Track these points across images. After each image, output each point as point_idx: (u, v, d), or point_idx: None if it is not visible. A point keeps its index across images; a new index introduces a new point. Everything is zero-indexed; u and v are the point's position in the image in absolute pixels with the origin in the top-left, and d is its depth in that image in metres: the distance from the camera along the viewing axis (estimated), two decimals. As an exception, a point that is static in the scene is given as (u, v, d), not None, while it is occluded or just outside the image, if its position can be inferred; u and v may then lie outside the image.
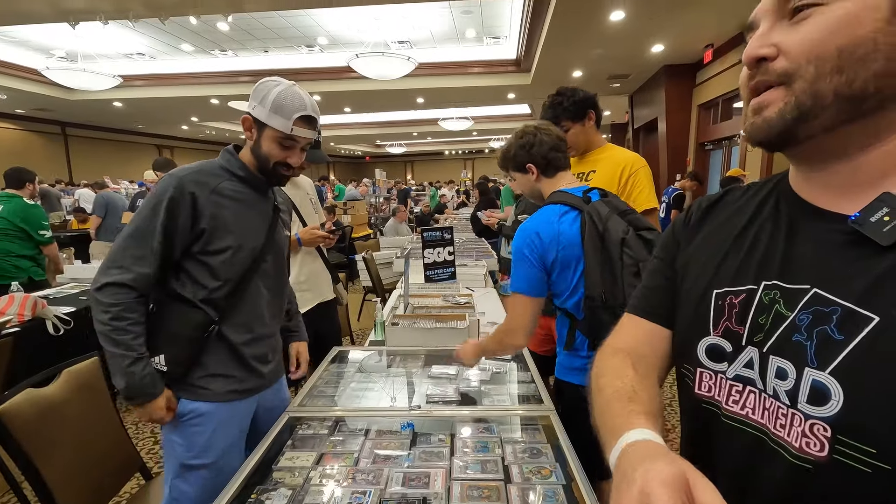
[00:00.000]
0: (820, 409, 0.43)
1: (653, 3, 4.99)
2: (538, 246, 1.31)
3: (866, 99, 0.43)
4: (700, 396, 0.55)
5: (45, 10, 5.20)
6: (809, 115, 0.44)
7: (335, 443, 1.24)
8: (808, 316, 0.45)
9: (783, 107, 0.45)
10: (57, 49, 7.56)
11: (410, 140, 19.31)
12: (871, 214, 0.43)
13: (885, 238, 0.42)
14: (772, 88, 0.46)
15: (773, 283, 0.49)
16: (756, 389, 0.49)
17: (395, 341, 1.90)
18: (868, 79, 0.42)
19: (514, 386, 1.56)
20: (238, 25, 6.66)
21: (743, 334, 0.51)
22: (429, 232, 2.84)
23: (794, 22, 0.45)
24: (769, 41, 0.46)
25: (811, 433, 0.43)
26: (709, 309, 0.55)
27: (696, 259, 0.60)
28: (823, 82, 0.43)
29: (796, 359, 0.45)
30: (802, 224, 0.50)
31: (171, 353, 1.16)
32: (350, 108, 11.33)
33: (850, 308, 0.42)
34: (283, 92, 1.18)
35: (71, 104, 9.73)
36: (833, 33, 0.42)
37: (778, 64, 0.45)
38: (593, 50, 6.43)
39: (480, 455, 1.14)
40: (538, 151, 1.38)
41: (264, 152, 1.21)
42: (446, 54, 8.23)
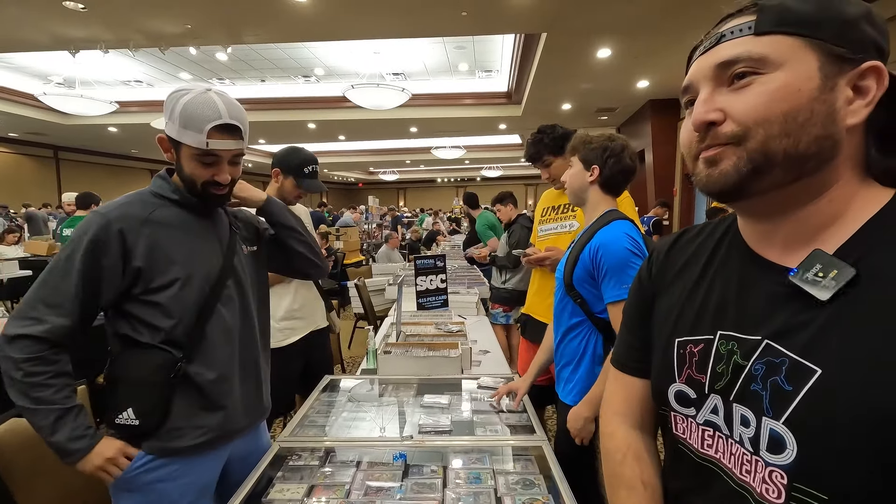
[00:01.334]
0: (777, 458, 0.45)
1: (636, 44, 5.23)
2: (638, 247, 1.30)
3: (809, 159, 0.46)
4: (677, 437, 0.59)
5: (46, 39, 5.30)
6: (762, 170, 0.47)
7: (326, 474, 1.22)
8: (763, 366, 0.47)
9: (737, 161, 0.47)
10: (55, 75, 7.66)
11: (403, 167, 19.58)
12: (807, 270, 0.46)
13: (822, 293, 0.44)
14: (721, 146, 0.49)
15: (728, 333, 0.52)
16: (723, 435, 0.52)
17: (387, 370, 1.89)
18: (810, 142, 0.46)
19: (506, 416, 1.56)
20: (236, 56, 6.82)
21: (704, 382, 0.53)
22: (421, 259, 2.87)
23: (735, 89, 0.48)
24: (714, 106, 0.49)
25: (770, 480, 0.46)
26: (673, 357, 0.58)
27: (661, 308, 0.63)
28: (774, 143, 0.46)
29: (755, 408, 0.48)
30: (752, 275, 0.52)
31: (139, 405, 1.03)
32: (344, 136, 11.52)
33: (796, 360, 0.45)
34: (192, 101, 1.00)
35: (65, 129, 9.78)
36: (777, 101, 0.45)
37: (726, 128, 0.48)
38: (581, 84, 6.68)
39: (473, 486, 1.13)
40: (615, 166, 1.38)
41: (187, 173, 1.06)
42: (439, 86, 8.47)
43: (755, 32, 0.47)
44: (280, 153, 2.04)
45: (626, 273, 1.28)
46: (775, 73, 0.46)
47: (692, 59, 0.53)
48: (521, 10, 4.52)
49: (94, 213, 1.04)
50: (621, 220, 1.36)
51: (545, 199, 2.22)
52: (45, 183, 12.48)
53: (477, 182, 24.16)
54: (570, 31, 4.92)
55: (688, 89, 0.53)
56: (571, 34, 4.99)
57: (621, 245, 1.28)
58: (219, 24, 5.02)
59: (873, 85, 0.46)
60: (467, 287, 3.67)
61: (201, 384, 1.09)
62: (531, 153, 2.00)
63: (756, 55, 0.46)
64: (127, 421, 1.03)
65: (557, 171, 1.95)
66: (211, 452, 1.14)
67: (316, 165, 2.05)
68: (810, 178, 0.47)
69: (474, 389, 1.72)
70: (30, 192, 11.51)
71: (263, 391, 1.28)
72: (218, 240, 1.16)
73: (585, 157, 1.42)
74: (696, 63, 0.52)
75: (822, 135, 0.46)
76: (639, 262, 1.27)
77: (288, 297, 2.04)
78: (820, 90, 0.45)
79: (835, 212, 0.48)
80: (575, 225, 2.01)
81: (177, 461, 1.09)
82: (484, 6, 4.48)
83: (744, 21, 0.48)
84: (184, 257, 1.07)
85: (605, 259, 1.30)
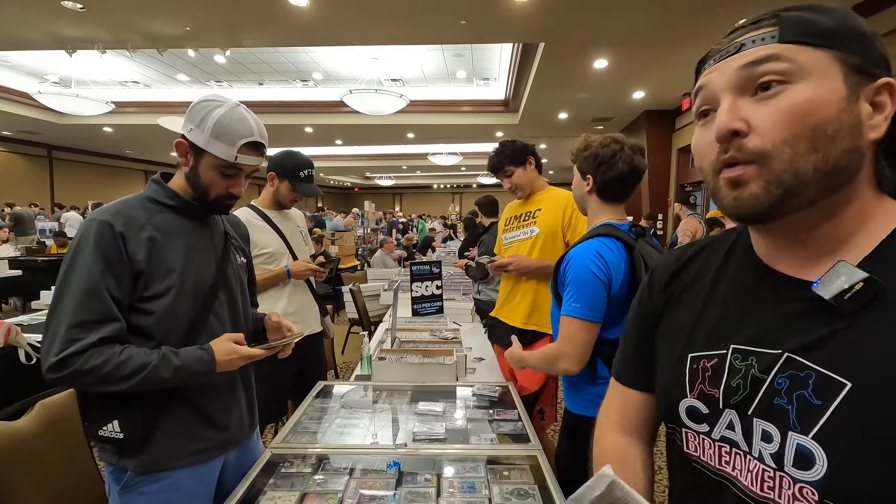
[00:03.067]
0: (806, 473, 0.44)
1: (632, 56, 5.29)
2: (605, 269, 1.26)
3: (840, 173, 0.45)
4: (689, 455, 0.57)
5: (43, 38, 5.28)
6: (794, 190, 0.45)
7: (318, 482, 1.21)
8: (786, 380, 0.47)
9: (767, 185, 0.46)
10: (51, 74, 7.62)
11: (400, 173, 19.60)
12: (831, 282, 0.45)
13: (848, 305, 0.44)
14: (743, 164, 0.47)
15: (743, 347, 0.51)
16: (741, 451, 0.50)
17: (381, 376, 1.88)
18: (840, 155, 0.45)
19: (500, 424, 1.55)
20: (235, 59, 6.83)
21: (718, 397, 0.52)
22: (417, 265, 2.86)
23: (761, 98, 0.46)
24: (739, 115, 0.47)
25: (801, 496, 0.44)
26: (685, 372, 0.57)
27: (671, 325, 0.62)
28: (802, 160, 0.45)
29: (780, 423, 0.46)
30: (768, 289, 0.52)
31: (126, 417, 1.00)
32: (341, 141, 11.53)
33: (824, 373, 0.44)
34: (227, 115, 1.03)
35: (60, 128, 9.72)
36: (806, 114, 0.44)
37: (751, 142, 0.46)
38: (578, 94, 6.74)
39: (467, 496, 1.13)
40: (609, 174, 1.32)
41: (203, 182, 1.06)
42: (437, 93, 8.51)
43: (780, 41, 0.46)
44: (276, 157, 2.04)
45: (583, 291, 1.26)
46: (803, 84, 0.45)
47: (702, 69, 0.52)
48: (520, 20, 4.57)
49: (89, 219, 1.00)
50: (604, 236, 1.31)
51: (509, 209, 2.28)
52: (38, 182, 12.37)
53: (473, 189, 24.24)
54: (567, 42, 4.97)
55: (703, 96, 0.51)
56: (569, 45, 5.04)
57: (586, 264, 1.26)
58: (218, 26, 5.03)
59: (888, 101, 0.46)
60: (463, 294, 3.67)
61: (194, 396, 1.07)
62: (493, 164, 2.15)
63: (781, 60, 0.45)
64: (111, 434, 0.99)
65: (519, 180, 2.11)
66: (207, 464, 1.12)
67: (311, 169, 2.04)
68: (837, 194, 0.47)
69: (469, 397, 1.71)
70: (22, 192, 11.40)
71: (254, 400, 1.27)
72: (213, 248, 1.14)
73: (580, 166, 1.39)
74: (715, 69, 0.49)
75: (850, 147, 0.45)
76: (598, 284, 1.25)
77: (282, 302, 2.02)
78: (847, 101, 0.45)
79: (855, 227, 0.48)
80: (535, 230, 2.06)
81: (173, 474, 1.06)
82: (483, 15, 4.52)
83: (765, 31, 0.47)
84: (180, 265, 1.05)
85: (570, 271, 1.29)
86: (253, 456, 1.26)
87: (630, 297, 1.17)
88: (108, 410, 1.01)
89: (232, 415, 1.16)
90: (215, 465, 1.15)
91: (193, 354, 1.01)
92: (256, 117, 1.09)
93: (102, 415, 1.01)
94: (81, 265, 0.95)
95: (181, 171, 1.10)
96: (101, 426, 1.00)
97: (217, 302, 1.12)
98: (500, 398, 1.71)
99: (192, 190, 1.09)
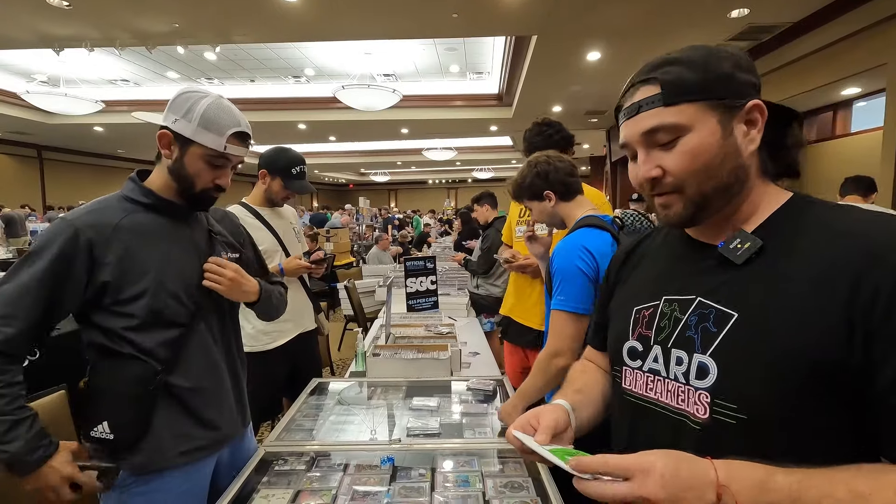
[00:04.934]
0: (702, 382, 0.60)
1: (625, 48, 5.28)
2: (592, 262, 1.28)
3: (732, 186, 0.64)
4: (625, 389, 0.72)
5: (29, 36, 5.20)
6: (703, 206, 0.64)
7: (313, 479, 1.21)
8: (696, 317, 0.63)
9: (684, 206, 0.64)
10: (39, 73, 7.52)
11: (394, 169, 19.54)
12: (730, 243, 0.63)
13: (739, 259, 0.61)
14: (666, 194, 0.65)
15: (671, 297, 0.68)
16: (661, 377, 0.66)
17: (375, 372, 1.87)
18: (728, 175, 0.63)
19: (494, 418, 1.55)
20: (225, 55, 6.76)
21: (650, 337, 0.69)
22: (411, 261, 2.86)
23: (665, 149, 0.63)
24: (654, 164, 0.64)
25: (699, 401, 0.60)
26: (630, 321, 0.73)
27: (623, 290, 0.81)
28: (704, 185, 0.63)
29: (688, 348, 0.63)
30: (689, 252, 0.71)
31: (115, 418, 0.99)
32: (335, 137, 11.46)
33: (720, 309, 0.61)
34: (214, 104, 1.03)
35: (50, 128, 9.61)
36: (697, 156, 0.61)
37: (667, 179, 0.64)
38: (572, 87, 6.72)
39: (461, 490, 1.13)
40: (556, 178, 1.41)
41: (190, 173, 1.04)
42: (430, 88, 8.46)
43: (664, 103, 0.62)
44: (267, 154, 2.02)
45: (570, 284, 1.28)
46: (689, 136, 0.62)
47: (619, 118, 0.69)
48: (512, 13, 4.54)
49: (61, 220, 0.98)
50: (588, 227, 1.34)
51: None
52: (29, 183, 12.24)
53: (468, 184, 24.20)
54: (560, 34, 4.95)
55: (626, 146, 0.68)
56: (562, 37, 5.02)
57: (572, 260, 1.29)
58: (207, 23, 4.97)
59: (759, 116, 0.62)
60: (458, 289, 3.67)
61: (184, 395, 1.07)
62: (538, 144, 1.89)
63: (669, 124, 0.62)
64: (102, 434, 0.99)
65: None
66: (199, 463, 1.11)
67: (303, 166, 2.03)
68: (736, 196, 0.65)
69: (463, 391, 1.71)
70: (13, 193, 11.28)
71: (244, 395, 1.27)
72: (195, 247, 1.12)
73: (532, 194, 1.45)
74: (626, 127, 0.67)
75: (734, 167, 0.63)
76: (584, 280, 1.27)
77: (275, 300, 2.01)
78: (723, 137, 0.61)
79: (752, 210, 0.65)
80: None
81: (166, 474, 1.06)
82: (475, 8, 4.49)
83: (652, 93, 0.63)
84: (157, 266, 1.03)
85: (556, 266, 1.33)
86: (246, 454, 1.26)
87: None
88: (99, 412, 1.00)
89: (222, 413, 1.16)
90: (208, 463, 1.15)
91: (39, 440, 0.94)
92: (236, 109, 1.10)
93: (93, 416, 1.00)
94: (24, 269, 0.95)
95: (161, 165, 1.08)
96: (93, 426, 1.00)
97: (206, 301, 1.11)
98: (495, 392, 1.71)
99: (175, 183, 1.06)
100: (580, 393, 0.81)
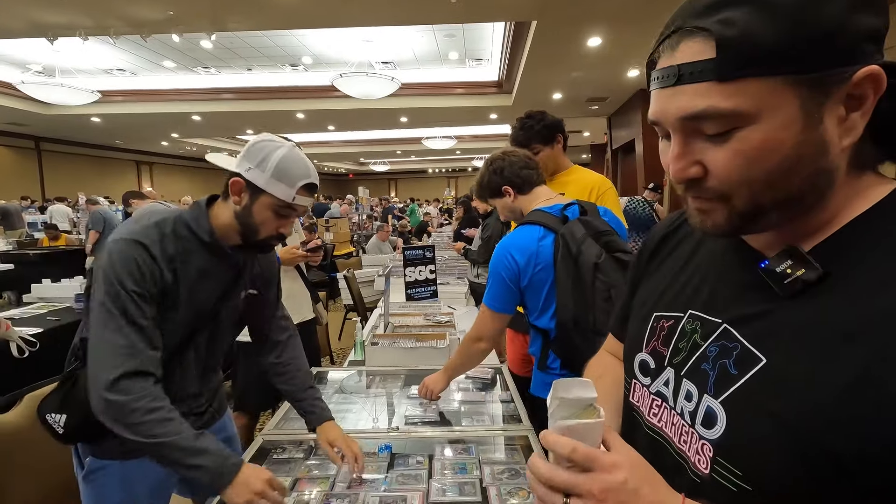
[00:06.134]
0: (709, 432, 0.47)
1: (626, 33, 5.20)
2: (514, 268, 1.33)
3: (805, 197, 0.44)
4: (631, 404, 0.61)
5: (22, 25, 5.13)
6: (756, 219, 0.45)
7: (311, 467, 1.21)
8: (717, 348, 0.49)
9: (728, 216, 0.45)
10: (33, 63, 7.44)
11: (394, 158, 19.44)
12: (777, 264, 0.45)
13: (784, 290, 0.45)
14: (708, 200, 0.46)
15: (696, 313, 0.53)
16: (669, 406, 0.54)
17: (374, 361, 1.88)
18: (801, 183, 0.43)
19: (493, 406, 1.56)
20: (221, 44, 6.67)
21: (666, 355, 0.56)
22: (410, 250, 2.85)
23: (714, 139, 0.43)
24: (693, 159, 0.44)
25: (701, 451, 0.48)
26: (647, 329, 0.60)
27: (649, 284, 0.66)
28: (760, 197, 0.43)
29: (700, 385, 0.49)
30: (732, 261, 0.53)
31: (76, 420, 1.00)
32: (334, 127, 11.38)
33: (747, 347, 0.46)
34: (287, 155, 1.03)
35: (46, 119, 9.53)
36: (756, 161, 0.41)
37: (711, 184, 0.44)
38: (572, 73, 6.64)
39: (459, 477, 1.13)
40: (510, 172, 1.42)
41: (256, 221, 1.04)
42: (429, 75, 8.37)
43: (718, 77, 0.40)
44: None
45: (495, 286, 1.36)
46: (752, 129, 0.41)
47: (649, 76, 0.47)
48: (511, -2, 4.46)
49: (125, 240, 0.97)
50: (529, 224, 1.37)
51: None
52: (27, 175, 12.20)
53: (468, 172, 24.09)
54: (560, 20, 4.87)
55: (657, 125, 0.47)
56: (562, 22, 4.94)
57: (497, 265, 1.35)
58: (202, 10, 4.89)
59: (870, 92, 0.40)
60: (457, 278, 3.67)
61: None
62: (521, 139, 1.91)
63: (725, 111, 0.40)
64: (53, 424, 1.01)
65: (545, 161, 1.88)
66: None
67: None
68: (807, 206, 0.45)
69: (462, 380, 1.72)
70: (12, 185, 11.25)
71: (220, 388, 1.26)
72: (221, 279, 1.10)
73: (492, 192, 1.47)
74: (659, 99, 0.45)
75: (813, 171, 0.42)
76: (505, 283, 1.34)
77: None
78: (804, 131, 0.40)
79: (831, 212, 0.45)
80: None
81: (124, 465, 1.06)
82: (473, -7, 4.42)
83: (702, 56, 0.40)
84: (186, 300, 1.03)
85: (490, 264, 1.40)
86: (224, 434, 1.24)
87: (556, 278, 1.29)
88: (63, 405, 1.01)
89: (194, 414, 1.15)
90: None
91: (225, 453, 0.96)
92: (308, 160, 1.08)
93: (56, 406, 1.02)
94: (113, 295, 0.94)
95: (227, 204, 1.06)
96: (49, 412, 1.02)
97: (199, 333, 1.10)
98: (493, 380, 1.71)
99: (240, 227, 1.06)
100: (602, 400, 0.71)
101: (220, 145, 14.18)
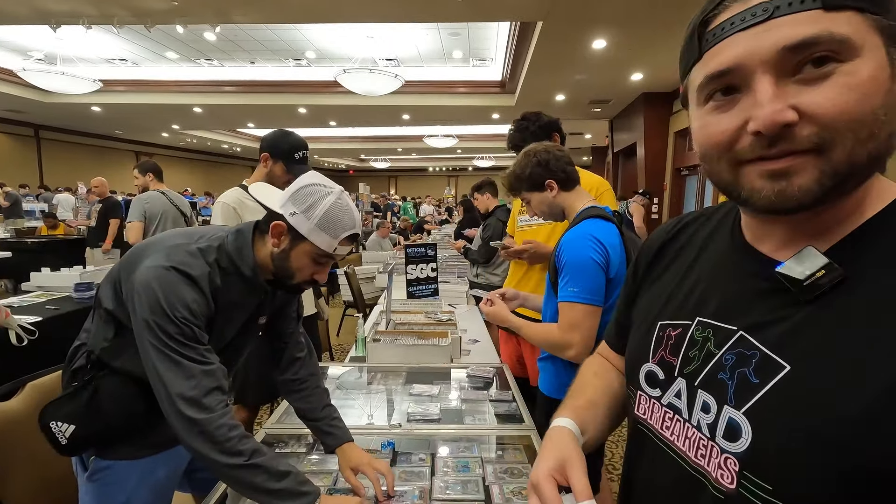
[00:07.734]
0: (732, 445, 0.45)
1: (631, 37, 5.20)
2: (605, 254, 1.26)
3: (882, 160, 0.41)
4: (637, 417, 0.59)
5: (26, 11, 5.10)
6: (845, 181, 0.40)
7: (313, 462, 1.22)
8: (733, 357, 0.47)
9: (821, 175, 0.40)
10: (35, 51, 7.40)
11: (395, 155, 19.40)
12: (794, 267, 0.44)
13: (804, 293, 0.43)
14: (794, 155, 0.41)
15: (706, 321, 0.52)
16: (682, 419, 0.52)
17: (375, 357, 1.88)
18: (888, 139, 0.40)
19: (494, 405, 1.56)
20: (225, 36, 6.64)
21: (675, 365, 0.53)
22: (412, 248, 2.85)
23: (809, 80, 0.39)
24: (788, 103, 0.39)
25: (725, 466, 0.46)
26: (652, 338, 0.58)
27: (651, 294, 0.63)
28: (860, 148, 0.39)
29: (718, 395, 0.47)
30: (742, 267, 0.51)
31: (87, 431, 0.98)
32: (335, 122, 11.35)
33: (767, 354, 0.44)
34: (335, 204, 0.98)
35: (46, 107, 9.48)
36: (867, 95, 0.38)
37: (806, 130, 0.39)
38: (576, 75, 6.64)
39: (461, 475, 1.14)
40: (556, 166, 1.38)
41: (293, 267, 1.01)
42: (433, 73, 8.35)
43: (824, 6, 0.38)
44: (269, 137, 1.99)
45: (583, 276, 1.25)
46: (857, 62, 0.38)
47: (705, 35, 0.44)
48: (518, -2, 4.46)
49: (175, 271, 0.93)
50: (594, 217, 1.32)
51: None
52: (26, 163, 12.12)
53: (469, 172, 24.08)
54: (566, 21, 4.87)
55: (730, 73, 0.42)
56: (567, 24, 4.94)
57: (583, 251, 1.25)
58: (207, 1, 4.87)
59: None
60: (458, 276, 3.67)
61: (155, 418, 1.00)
62: (516, 140, 1.94)
63: (839, 37, 0.37)
64: (57, 433, 0.98)
65: None
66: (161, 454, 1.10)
67: (306, 151, 2.00)
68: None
69: (463, 378, 1.72)
70: (10, 173, 11.18)
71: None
72: (245, 308, 1.09)
73: (532, 184, 1.41)
74: (742, 42, 0.41)
75: (890, 133, 0.39)
76: (596, 268, 1.24)
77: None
78: (892, 80, 0.39)
79: (851, 209, 0.44)
80: None
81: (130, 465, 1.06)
82: (480, -8, 4.41)
83: None
84: (218, 330, 1.02)
85: (565, 258, 1.29)
86: None
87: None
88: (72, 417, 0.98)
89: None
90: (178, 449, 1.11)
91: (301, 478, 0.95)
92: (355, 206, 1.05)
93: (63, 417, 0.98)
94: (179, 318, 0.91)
95: (265, 242, 1.02)
96: (52, 420, 0.98)
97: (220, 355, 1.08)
98: (495, 379, 1.72)
99: (275, 270, 1.03)
100: (593, 406, 0.68)
101: (221, 138, 14.13)
